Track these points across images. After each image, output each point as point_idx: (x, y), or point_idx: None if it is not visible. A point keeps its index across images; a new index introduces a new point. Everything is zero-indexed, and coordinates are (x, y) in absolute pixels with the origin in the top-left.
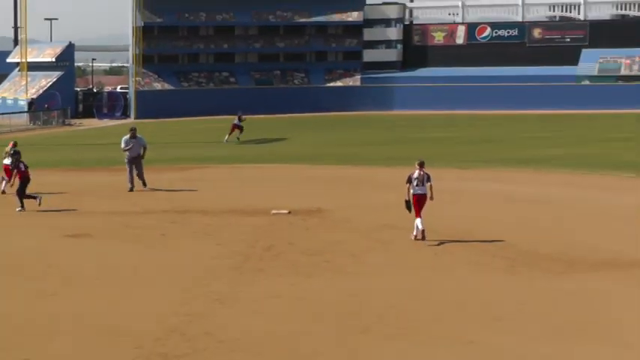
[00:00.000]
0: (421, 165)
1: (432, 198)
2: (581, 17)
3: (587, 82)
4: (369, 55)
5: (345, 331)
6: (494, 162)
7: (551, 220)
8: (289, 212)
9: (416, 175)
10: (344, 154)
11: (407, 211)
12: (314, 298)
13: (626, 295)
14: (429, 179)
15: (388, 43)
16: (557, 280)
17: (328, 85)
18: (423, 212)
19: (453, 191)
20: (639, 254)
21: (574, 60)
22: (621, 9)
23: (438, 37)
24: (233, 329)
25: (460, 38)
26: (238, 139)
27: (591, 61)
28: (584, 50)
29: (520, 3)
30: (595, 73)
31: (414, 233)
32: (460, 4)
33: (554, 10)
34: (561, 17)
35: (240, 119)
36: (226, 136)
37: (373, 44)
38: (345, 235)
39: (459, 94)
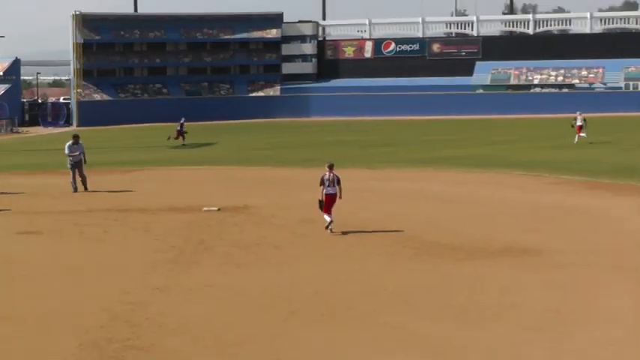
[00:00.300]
0: (330, 167)
1: (340, 197)
2: (475, 33)
3: (481, 91)
4: (287, 68)
5: (273, 316)
6: (400, 163)
7: (451, 214)
8: (219, 209)
9: (327, 176)
10: (267, 156)
11: (320, 210)
12: (243, 287)
13: (519, 279)
14: (339, 182)
15: (304, 57)
16: (459, 266)
17: (251, 95)
18: (333, 209)
19: (363, 189)
20: (530, 244)
21: (469, 71)
22: (509, 26)
23: (349, 52)
24: (171, 316)
25: (368, 52)
26: (184, 145)
27: (484, 72)
28: (477, 63)
29: (420, 21)
30: (488, 82)
31: (327, 225)
32: (367, 22)
33: (450, 28)
34: (457, 33)
35: (181, 126)
36: (170, 137)
37: (291, 58)
38: (270, 230)
39: (368, 103)
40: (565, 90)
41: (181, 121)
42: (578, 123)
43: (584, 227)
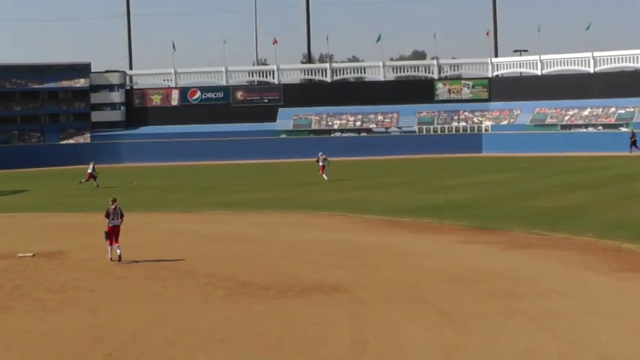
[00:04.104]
0: (113, 201)
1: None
2: (276, 81)
3: (284, 136)
4: (97, 116)
5: (91, 358)
6: (208, 206)
7: (262, 254)
8: (34, 255)
9: (111, 210)
10: (79, 203)
11: (105, 240)
12: (60, 331)
13: (329, 315)
14: (122, 214)
15: (113, 106)
16: (271, 305)
17: (62, 142)
18: (120, 239)
19: (174, 232)
20: (338, 281)
21: (273, 117)
22: (308, 74)
23: (156, 100)
24: None
25: (175, 100)
26: (97, 185)
27: (287, 118)
28: (280, 109)
29: (224, 70)
30: (290, 128)
31: (110, 256)
32: (173, 71)
33: (252, 76)
34: (259, 82)
35: (93, 169)
36: (82, 180)
37: (100, 106)
38: (85, 274)
39: (176, 148)
40: (363, 134)
41: (91, 164)
42: (321, 164)
43: (386, 263)
